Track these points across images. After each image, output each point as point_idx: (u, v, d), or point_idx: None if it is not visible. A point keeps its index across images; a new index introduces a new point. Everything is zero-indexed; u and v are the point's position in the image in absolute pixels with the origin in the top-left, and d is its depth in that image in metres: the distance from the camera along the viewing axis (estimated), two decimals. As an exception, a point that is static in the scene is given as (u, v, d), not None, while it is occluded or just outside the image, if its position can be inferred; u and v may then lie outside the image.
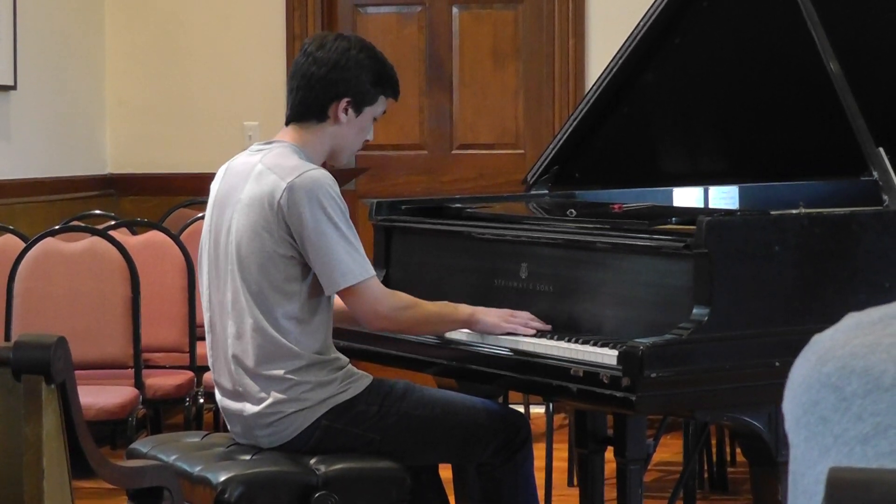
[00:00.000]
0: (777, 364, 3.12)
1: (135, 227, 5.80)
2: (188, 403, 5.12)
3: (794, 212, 3.35)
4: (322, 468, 3.40)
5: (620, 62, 4.09)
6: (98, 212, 6.27)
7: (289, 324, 3.43)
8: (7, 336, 4.93)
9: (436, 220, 4.00)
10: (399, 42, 6.95)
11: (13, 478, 2.36)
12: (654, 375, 3.05)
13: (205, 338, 3.65)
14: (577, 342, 3.30)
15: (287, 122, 3.60)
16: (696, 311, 3.15)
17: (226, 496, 3.31)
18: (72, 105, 6.89)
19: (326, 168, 3.56)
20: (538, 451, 4.10)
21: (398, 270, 4.03)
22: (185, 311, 5.24)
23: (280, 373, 3.42)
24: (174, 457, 3.51)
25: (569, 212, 3.98)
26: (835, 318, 1.29)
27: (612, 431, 3.46)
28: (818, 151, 4.32)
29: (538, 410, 5.90)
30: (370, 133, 3.64)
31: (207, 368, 3.79)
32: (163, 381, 5.10)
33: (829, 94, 3.58)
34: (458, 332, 3.57)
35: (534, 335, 3.44)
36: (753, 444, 3.26)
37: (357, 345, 3.80)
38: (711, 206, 4.40)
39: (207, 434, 3.76)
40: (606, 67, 4.15)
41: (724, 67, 4.23)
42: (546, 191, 4.24)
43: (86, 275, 5.03)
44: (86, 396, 3.59)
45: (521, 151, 6.91)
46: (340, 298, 3.46)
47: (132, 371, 4.95)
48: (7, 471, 2.36)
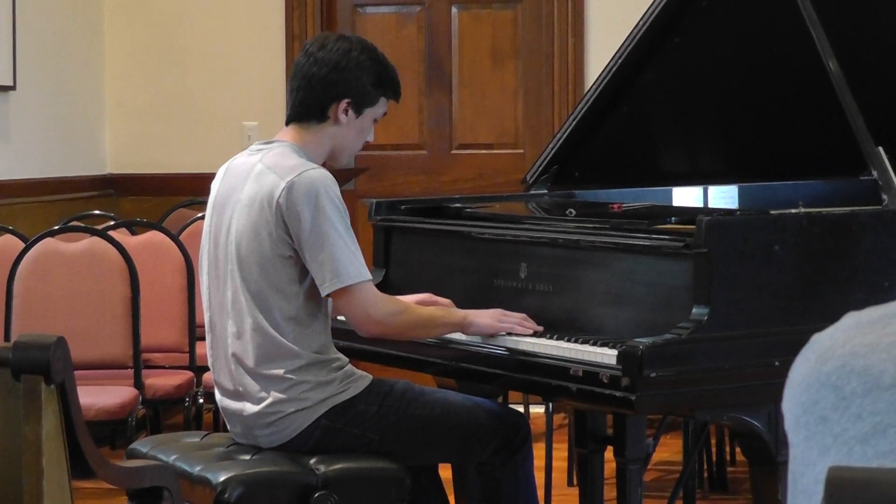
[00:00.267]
0: (776, 363, 3.12)
1: (134, 228, 5.80)
2: (188, 403, 5.12)
3: (794, 211, 3.35)
4: (322, 468, 3.40)
5: (620, 62, 4.09)
6: (97, 212, 6.27)
7: (288, 324, 3.42)
8: (6, 336, 4.93)
9: (435, 220, 4.00)
10: (398, 42, 6.95)
11: (13, 478, 2.36)
12: (654, 375, 3.06)
13: (205, 338, 3.65)
14: (577, 342, 3.30)
15: (287, 122, 3.60)
16: (696, 311, 3.15)
17: (225, 496, 3.30)
18: (71, 105, 6.89)
19: (326, 168, 3.55)
20: (538, 451, 4.10)
21: (398, 270, 4.03)
22: (185, 312, 5.24)
23: (280, 372, 3.42)
24: (174, 457, 3.51)
25: (568, 211, 3.98)
26: (834, 318, 1.29)
27: (612, 431, 3.46)
28: (817, 151, 4.32)
29: (538, 410, 5.90)
30: (370, 134, 3.64)
31: (207, 368, 3.79)
32: (162, 382, 5.10)
33: (829, 94, 3.58)
34: (456, 333, 3.57)
35: (532, 335, 3.44)
36: (753, 444, 3.26)
37: (357, 345, 3.79)
38: (711, 206, 4.40)
39: (207, 434, 3.76)
40: (606, 67, 4.15)
41: (724, 67, 4.23)
42: (545, 190, 4.24)
43: (85, 275, 5.03)
44: (85, 397, 3.59)
45: (521, 151, 6.91)
46: (333, 301, 3.44)
47: (132, 371, 4.95)
48: (7, 471, 2.36)
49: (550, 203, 4.22)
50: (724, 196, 4.43)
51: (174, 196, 6.76)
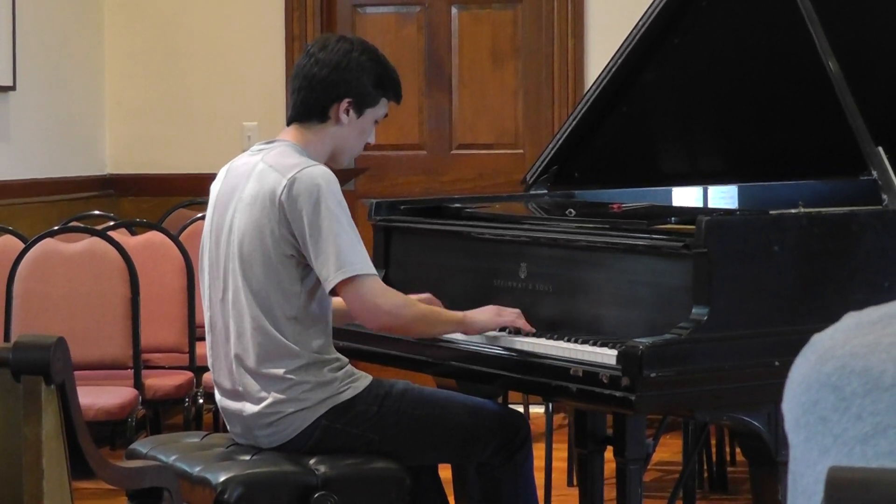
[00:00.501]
0: (776, 364, 3.12)
1: (134, 228, 5.80)
2: (188, 404, 5.12)
3: (794, 211, 3.35)
4: (322, 468, 3.40)
5: (619, 62, 4.09)
6: (97, 212, 6.27)
7: (289, 323, 3.42)
8: (6, 337, 4.93)
9: (435, 221, 4.00)
10: (398, 42, 6.95)
11: (13, 478, 2.36)
12: (654, 375, 3.05)
13: (205, 338, 3.65)
14: (577, 342, 3.30)
15: (288, 123, 3.60)
16: (696, 311, 3.15)
17: (225, 496, 3.30)
18: (71, 105, 6.89)
19: (326, 168, 3.56)
20: (538, 451, 4.09)
21: (397, 271, 4.03)
22: (185, 312, 5.24)
23: (280, 372, 3.42)
24: (174, 457, 3.51)
25: (568, 212, 3.98)
26: (834, 318, 1.29)
27: (612, 431, 3.46)
28: (817, 151, 4.32)
29: (538, 410, 5.90)
30: (371, 136, 3.64)
31: (207, 369, 3.79)
32: (162, 382, 5.10)
33: (828, 94, 3.58)
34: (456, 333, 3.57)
35: (532, 335, 3.44)
36: (753, 444, 3.26)
37: (357, 345, 3.80)
38: (711, 206, 4.40)
39: (207, 434, 3.76)
40: (605, 67, 4.15)
41: (724, 67, 4.23)
42: (545, 191, 4.24)
43: (85, 275, 5.03)
44: (85, 397, 3.59)
45: (521, 151, 6.91)
46: (340, 294, 3.43)
47: (132, 371, 4.95)
48: (7, 471, 2.36)
49: (550, 203, 4.22)
50: (724, 196, 4.43)
51: (174, 196, 6.76)
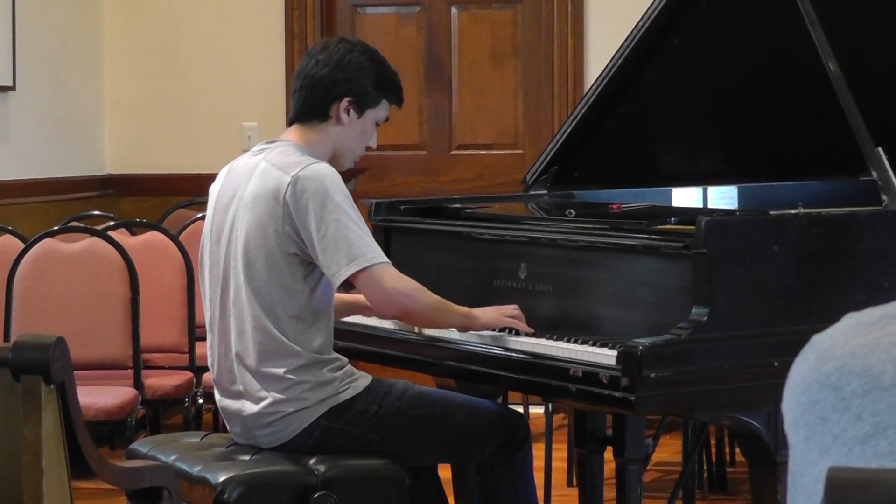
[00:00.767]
0: (776, 364, 3.12)
1: (134, 228, 5.80)
2: (187, 404, 5.12)
3: (793, 212, 3.35)
4: (321, 468, 3.40)
5: (619, 62, 4.09)
6: (97, 212, 6.27)
7: (290, 322, 3.42)
8: (6, 336, 4.93)
9: (435, 221, 4.00)
10: (398, 42, 6.95)
11: (12, 478, 2.36)
12: (653, 375, 3.05)
13: (204, 338, 3.65)
14: (576, 342, 3.30)
15: (290, 123, 3.61)
16: (695, 311, 3.15)
17: (225, 496, 3.31)
18: (70, 105, 6.89)
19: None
20: (537, 452, 4.09)
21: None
22: (185, 312, 5.25)
23: (280, 371, 3.42)
24: (173, 457, 3.51)
25: (568, 212, 3.98)
26: (834, 318, 1.29)
27: (612, 431, 3.46)
28: (817, 151, 4.32)
29: (537, 410, 5.90)
30: (373, 139, 3.64)
31: (207, 369, 3.79)
32: (162, 382, 5.10)
33: (828, 94, 3.58)
34: (457, 332, 3.57)
35: (532, 335, 3.44)
36: (752, 444, 3.26)
37: (357, 345, 3.80)
38: (710, 206, 4.40)
39: (207, 434, 3.76)
40: (605, 67, 4.15)
41: (723, 67, 4.23)
42: (545, 191, 4.24)
43: (85, 275, 5.03)
44: (85, 397, 3.59)
45: (520, 151, 6.91)
46: (355, 283, 3.40)
47: (131, 371, 4.95)
48: (6, 471, 2.36)
49: (550, 203, 4.22)
50: (724, 196, 4.43)
51: (174, 196, 6.76)
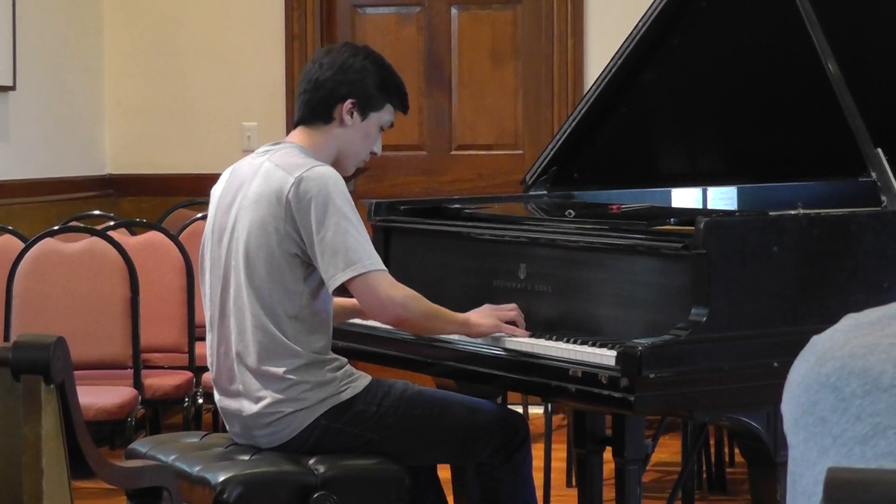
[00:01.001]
0: (776, 365, 3.12)
1: (134, 228, 5.80)
2: (187, 404, 5.12)
3: (793, 212, 3.35)
4: (321, 468, 3.40)
5: (619, 62, 4.09)
6: (97, 212, 6.27)
7: (290, 322, 3.43)
8: (6, 336, 4.93)
9: (434, 221, 4.00)
10: (398, 42, 6.95)
11: (12, 478, 2.36)
12: (653, 376, 3.06)
13: (204, 338, 3.65)
14: (576, 343, 3.30)
15: (294, 126, 3.63)
16: (695, 312, 3.15)
17: (224, 496, 3.31)
18: (71, 105, 6.89)
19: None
20: (537, 452, 4.10)
21: (397, 271, 4.02)
22: (184, 312, 5.25)
23: (279, 371, 3.42)
24: (173, 457, 3.51)
25: (567, 212, 3.98)
26: (833, 319, 1.29)
27: (611, 432, 3.46)
28: (817, 152, 4.32)
29: (537, 411, 5.91)
30: (377, 145, 3.65)
31: (206, 369, 3.79)
32: (162, 382, 5.10)
33: (828, 95, 3.58)
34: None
35: (531, 336, 3.45)
36: (752, 445, 3.26)
37: (356, 345, 3.80)
38: (710, 207, 4.40)
39: (206, 434, 3.76)
40: (605, 68, 4.15)
41: (723, 68, 4.23)
42: (545, 191, 4.24)
43: (85, 275, 5.04)
44: (85, 397, 3.59)
45: (520, 152, 6.91)
46: (350, 289, 3.42)
47: (131, 371, 4.95)
48: (6, 471, 2.36)
49: (550, 204, 4.22)
50: (724, 197, 4.43)
51: (174, 196, 6.76)
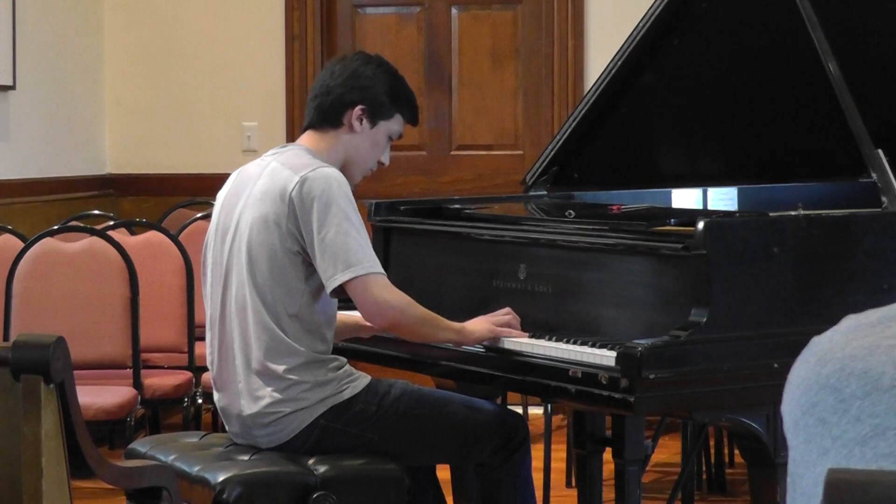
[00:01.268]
0: (775, 365, 3.12)
1: (133, 228, 5.80)
2: (186, 403, 5.12)
3: (793, 213, 3.35)
4: (320, 468, 3.40)
5: (619, 63, 4.09)
6: (97, 212, 6.27)
7: (290, 321, 3.43)
8: (6, 336, 4.93)
9: (434, 221, 4.00)
10: (398, 42, 6.96)
11: (12, 477, 2.36)
12: (653, 376, 3.05)
13: (203, 338, 3.65)
14: (576, 343, 3.30)
15: (303, 130, 3.65)
16: (695, 313, 3.15)
17: (224, 496, 3.31)
18: (71, 105, 6.89)
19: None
20: (536, 452, 4.10)
21: (397, 271, 4.02)
22: (184, 312, 5.25)
23: (280, 370, 3.42)
24: (173, 457, 3.51)
25: (567, 213, 3.97)
26: (833, 320, 1.29)
27: (611, 432, 3.46)
28: (817, 153, 4.32)
29: (536, 411, 5.91)
30: (385, 155, 3.67)
31: (206, 369, 3.79)
32: (161, 382, 5.10)
33: (828, 96, 3.58)
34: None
35: (531, 336, 3.44)
36: (752, 446, 3.26)
37: (356, 345, 3.80)
38: (710, 208, 4.40)
39: (206, 434, 3.76)
40: (605, 68, 4.15)
41: (723, 68, 4.23)
42: (545, 192, 4.24)
43: (85, 275, 5.04)
44: (84, 396, 3.59)
45: (520, 152, 6.91)
46: (347, 290, 3.42)
47: (131, 371, 4.95)
48: (6, 470, 2.36)
49: (550, 204, 4.22)
50: (724, 198, 4.43)
51: (173, 196, 6.76)
